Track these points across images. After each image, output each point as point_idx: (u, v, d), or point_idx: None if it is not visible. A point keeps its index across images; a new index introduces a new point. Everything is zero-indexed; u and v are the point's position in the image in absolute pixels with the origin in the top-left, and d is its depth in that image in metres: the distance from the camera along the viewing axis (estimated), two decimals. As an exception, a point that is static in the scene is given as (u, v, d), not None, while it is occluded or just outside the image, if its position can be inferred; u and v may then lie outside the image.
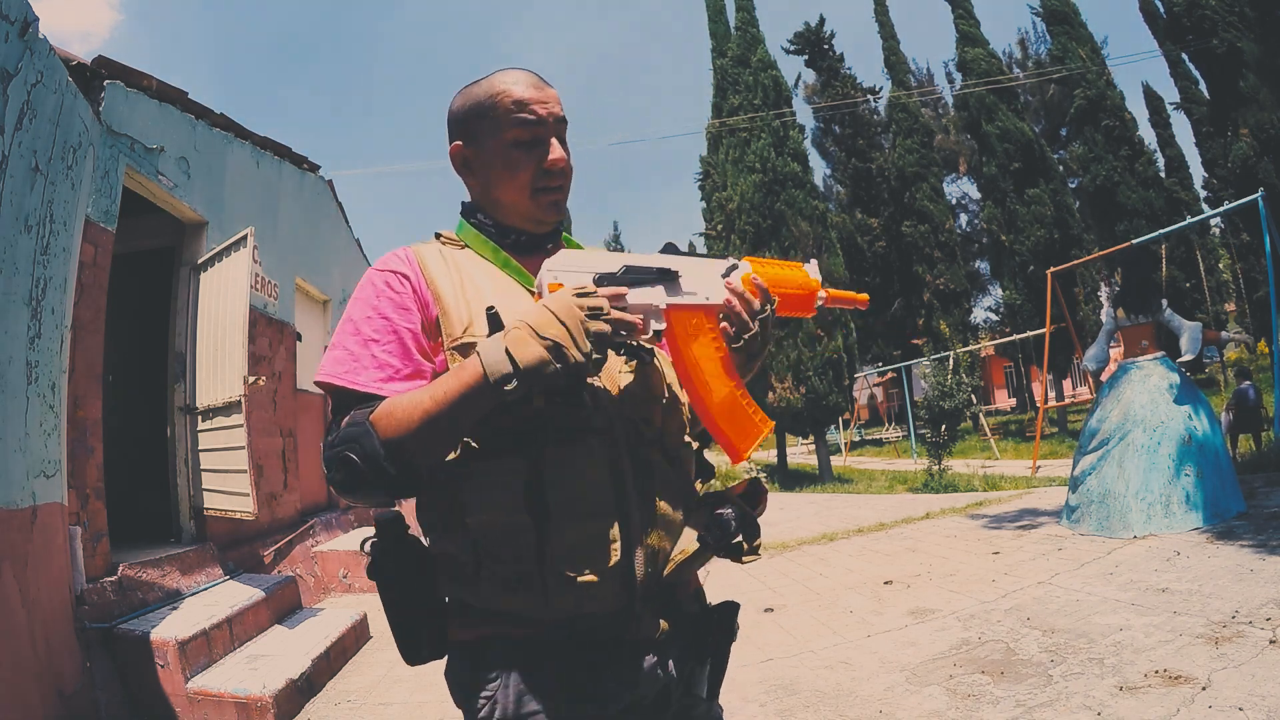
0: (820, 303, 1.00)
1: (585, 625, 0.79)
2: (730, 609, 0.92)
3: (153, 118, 3.95)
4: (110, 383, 3.95)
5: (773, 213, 11.96)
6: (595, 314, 0.73)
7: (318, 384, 0.82)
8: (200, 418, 4.21)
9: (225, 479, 3.99)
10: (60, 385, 2.97)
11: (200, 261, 4.33)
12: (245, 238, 3.98)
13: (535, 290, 0.80)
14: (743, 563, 0.89)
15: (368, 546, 0.81)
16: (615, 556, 0.78)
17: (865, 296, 1.10)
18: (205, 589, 3.68)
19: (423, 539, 0.85)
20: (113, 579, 3.19)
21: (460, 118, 0.91)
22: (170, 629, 3.00)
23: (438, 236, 0.96)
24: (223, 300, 4.09)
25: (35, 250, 2.70)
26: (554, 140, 0.89)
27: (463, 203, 0.97)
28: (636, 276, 0.81)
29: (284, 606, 3.99)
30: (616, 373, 0.86)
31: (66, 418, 3.04)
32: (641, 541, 0.80)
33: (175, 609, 3.29)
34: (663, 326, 0.82)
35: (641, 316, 0.78)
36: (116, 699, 2.88)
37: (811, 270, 1.00)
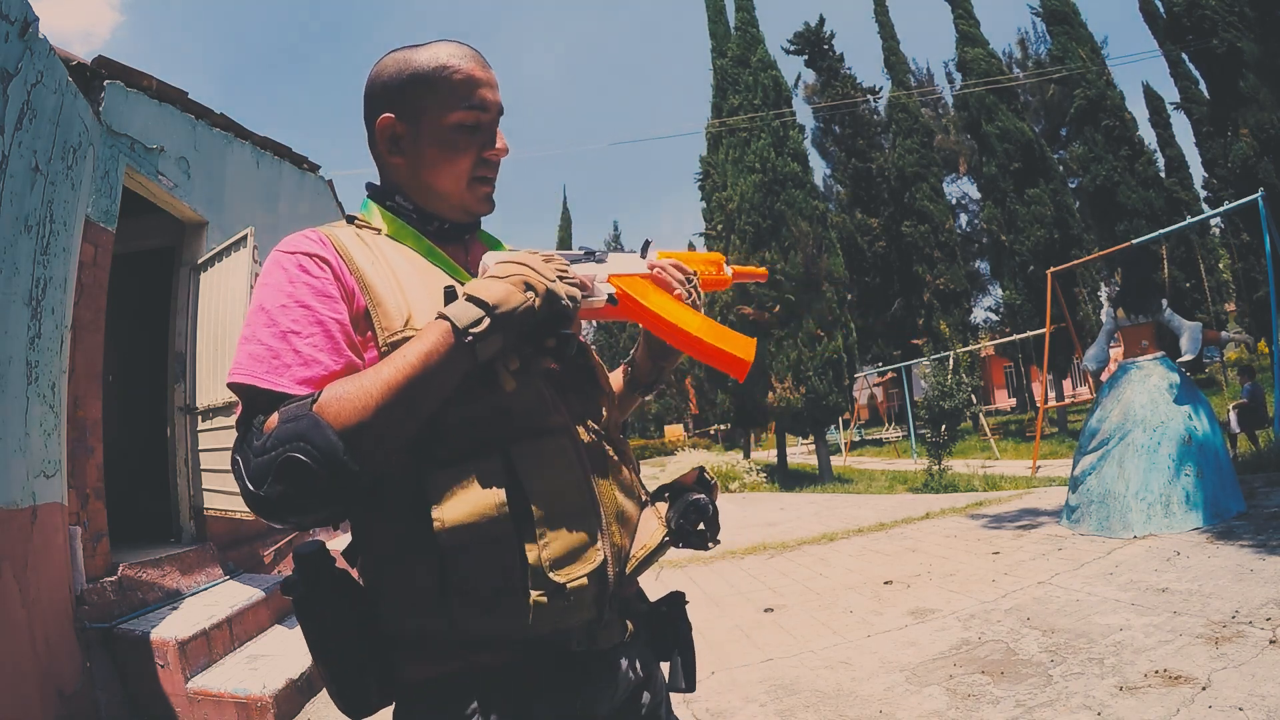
0: (729, 272, 1.08)
1: (560, 641, 0.73)
2: (679, 599, 0.88)
3: (153, 118, 3.95)
4: (110, 383, 3.95)
5: (773, 213, 11.96)
6: (549, 260, 0.72)
7: (231, 386, 0.68)
8: (200, 418, 4.21)
9: (225, 479, 3.99)
10: (60, 385, 2.97)
11: (200, 261, 4.33)
12: (245, 238, 3.98)
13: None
14: (707, 549, 0.85)
15: (292, 588, 0.70)
16: (600, 557, 0.74)
17: (764, 270, 1.17)
18: (205, 589, 3.68)
19: (352, 571, 0.76)
20: (113, 579, 3.19)
21: (395, 87, 0.80)
22: (170, 629, 3.00)
23: (351, 220, 0.84)
24: (223, 300, 4.09)
25: (35, 250, 2.70)
26: (499, 131, 0.83)
27: (369, 184, 0.87)
28: (570, 257, 0.83)
29: (284, 606, 3.99)
30: (562, 369, 0.84)
31: (66, 418, 3.04)
32: (609, 540, 0.76)
33: (175, 609, 3.29)
34: (612, 290, 0.84)
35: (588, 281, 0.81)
36: (116, 699, 2.88)
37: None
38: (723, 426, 28.25)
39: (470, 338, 0.65)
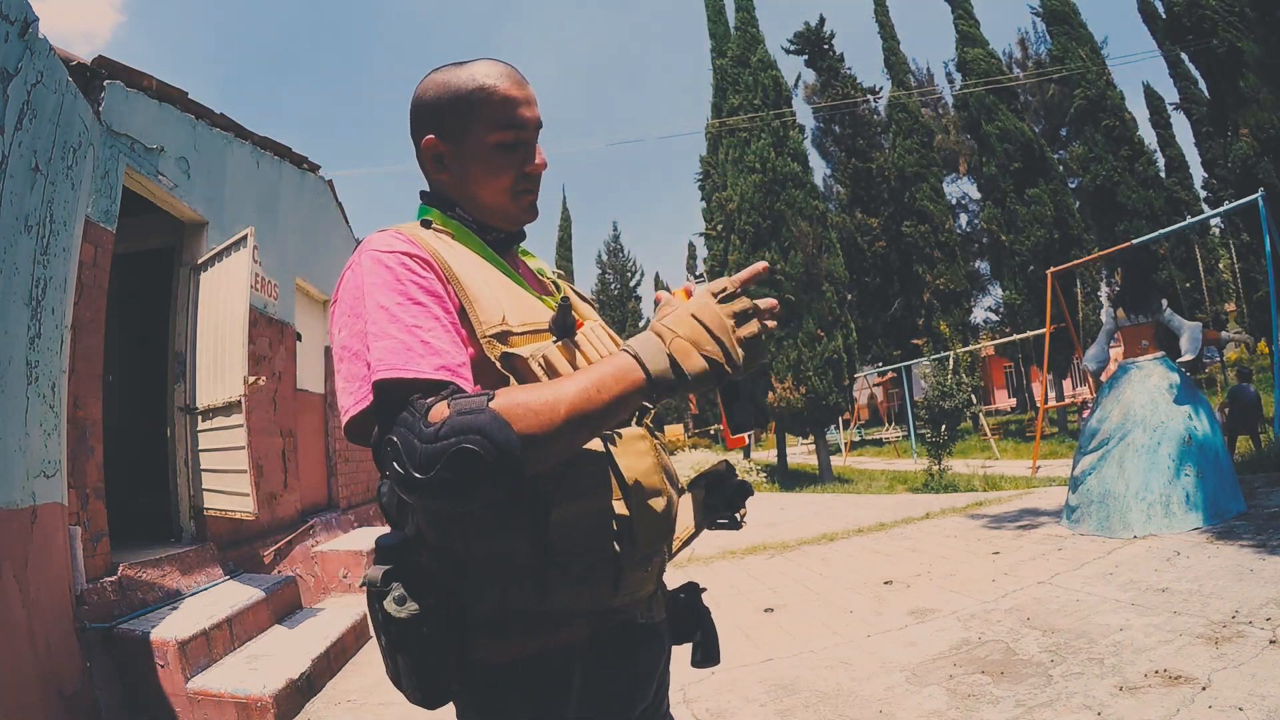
0: None
1: (630, 612, 0.80)
2: (695, 587, 0.96)
3: (153, 118, 3.95)
4: (110, 383, 3.95)
5: (773, 213, 11.96)
6: (744, 318, 0.74)
7: (378, 384, 0.69)
8: (200, 418, 4.20)
9: (225, 479, 3.99)
10: (60, 385, 2.97)
11: (200, 261, 4.33)
12: (245, 238, 3.98)
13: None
14: (739, 529, 0.94)
15: (375, 575, 0.72)
16: (671, 532, 0.83)
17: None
18: (205, 589, 3.68)
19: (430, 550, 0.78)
20: (113, 579, 3.19)
21: (436, 109, 0.85)
22: (170, 629, 3.00)
23: (427, 224, 0.88)
24: (223, 300, 4.08)
25: (35, 250, 2.70)
26: (537, 145, 0.87)
27: (424, 193, 0.91)
28: None
29: (284, 606, 3.99)
30: None
31: (66, 418, 3.04)
32: None
33: (175, 609, 3.29)
34: None
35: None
36: (116, 699, 2.88)
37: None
38: (723, 426, 28.16)
39: (654, 394, 0.71)
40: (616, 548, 0.75)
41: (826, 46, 22.65)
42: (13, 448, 2.51)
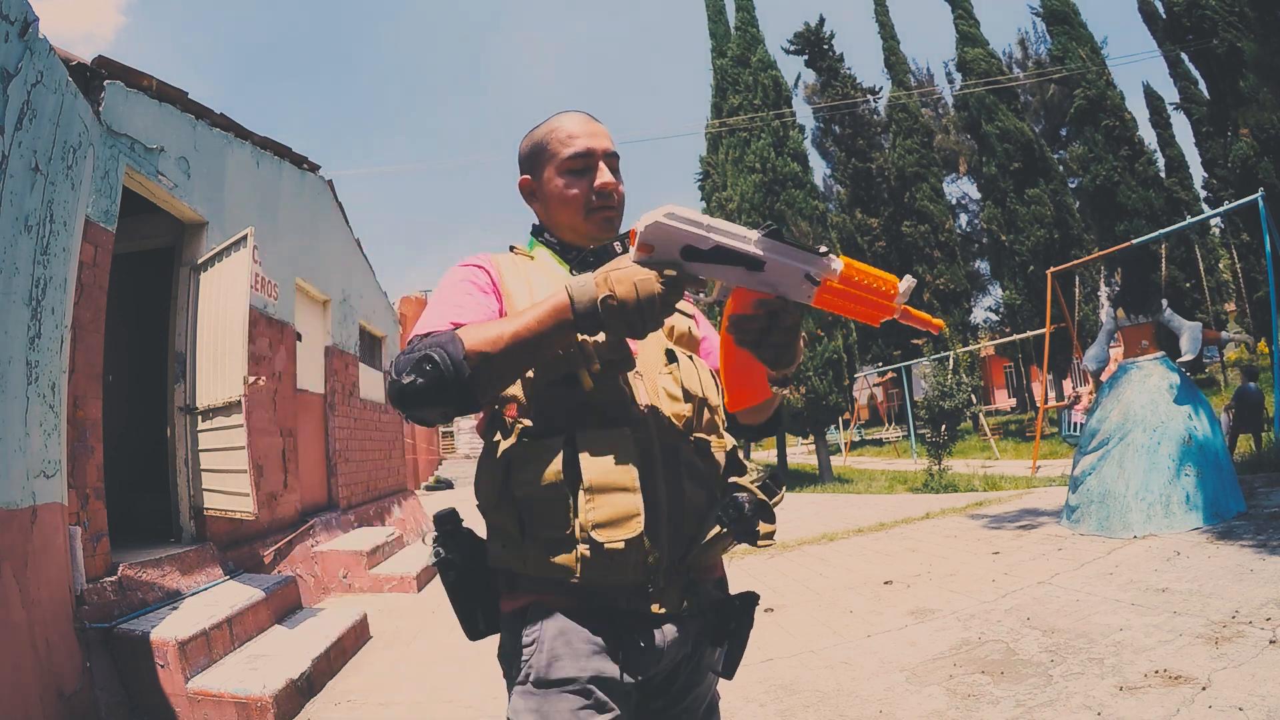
0: (895, 315, 0.89)
1: (613, 596, 0.88)
2: (751, 598, 1.00)
3: (153, 118, 3.95)
4: (110, 383, 3.95)
5: (773, 213, 11.96)
6: (669, 301, 0.81)
7: (411, 340, 0.87)
8: (200, 418, 4.20)
9: (225, 479, 3.99)
10: (60, 385, 2.97)
11: (200, 261, 4.33)
12: (245, 238, 3.98)
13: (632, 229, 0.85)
14: (758, 546, 0.97)
15: (430, 540, 0.96)
16: (638, 528, 0.87)
17: (941, 322, 0.97)
18: (205, 589, 3.68)
19: (481, 518, 0.97)
20: (113, 579, 3.19)
21: (525, 155, 1.08)
22: (170, 629, 3.00)
23: (512, 249, 1.10)
24: (223, 300, 4.08)
25: (35, 250, 2.70)
26: (603, 166, 1.02)
27: (533, 225, 1.11)
28: (723, 258, 0.82)
29: (284, 606, 3.99)
30: (656, 374, 0.97)
31: (66, 418, 3.04)
32: (666, 522, 0.90)
33: (175, 609, 3.29)
34: (721, 299, 0.88)
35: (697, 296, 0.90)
36: (116, 699, 2.88)
37: (904, 285, 0.87)
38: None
39: (579, 327, 0.82)
40: (570, 531, 0.86)
41: (826, 46, 22.66)
42: (13, 448, 2.51)
